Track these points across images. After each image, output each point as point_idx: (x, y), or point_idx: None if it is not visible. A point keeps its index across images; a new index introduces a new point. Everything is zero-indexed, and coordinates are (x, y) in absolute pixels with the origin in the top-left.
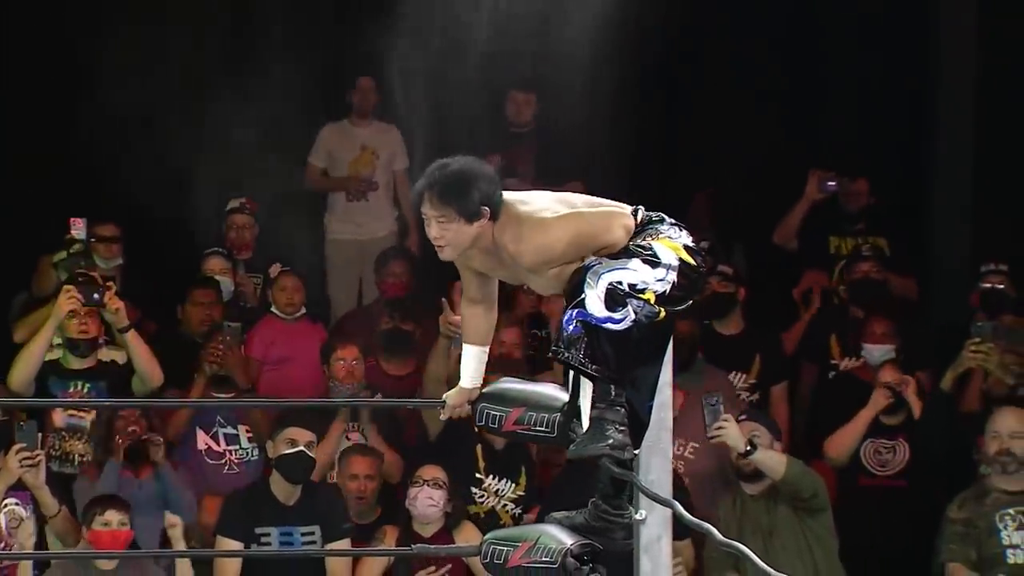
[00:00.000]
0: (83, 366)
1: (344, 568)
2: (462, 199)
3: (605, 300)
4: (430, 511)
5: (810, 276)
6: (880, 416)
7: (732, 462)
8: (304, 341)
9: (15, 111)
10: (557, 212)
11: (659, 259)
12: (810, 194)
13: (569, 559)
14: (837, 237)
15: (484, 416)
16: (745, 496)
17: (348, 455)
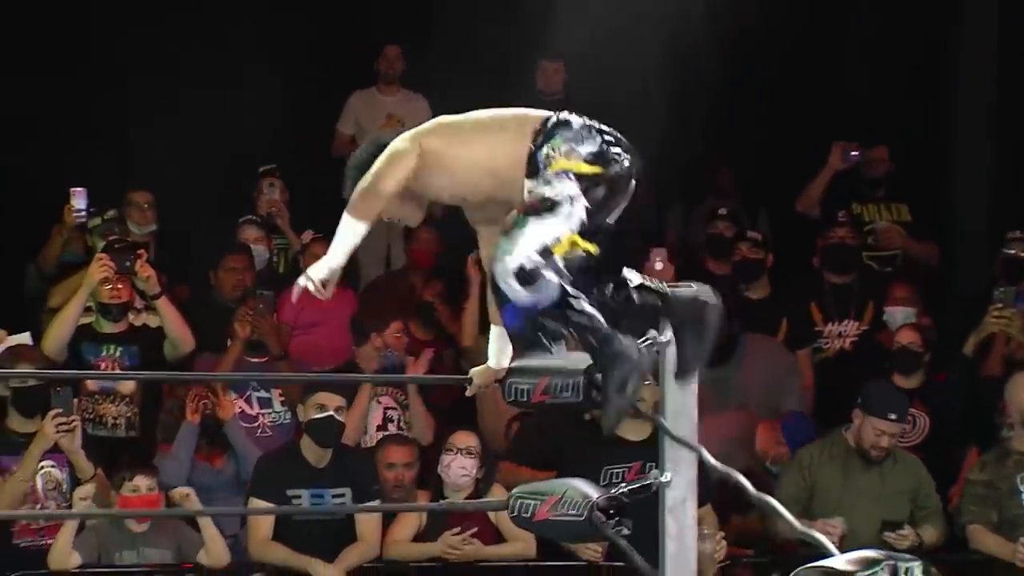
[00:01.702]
0: (115, 330)
1: (375, 530)
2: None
3: (520, 282)
4: (462, 480)
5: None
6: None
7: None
8: (334, 306)
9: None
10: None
11: (556, 200)
12: (833, 163)
13: (595, 512)
14: (859, 204)
15: (513, 391)
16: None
17: (385, 444)
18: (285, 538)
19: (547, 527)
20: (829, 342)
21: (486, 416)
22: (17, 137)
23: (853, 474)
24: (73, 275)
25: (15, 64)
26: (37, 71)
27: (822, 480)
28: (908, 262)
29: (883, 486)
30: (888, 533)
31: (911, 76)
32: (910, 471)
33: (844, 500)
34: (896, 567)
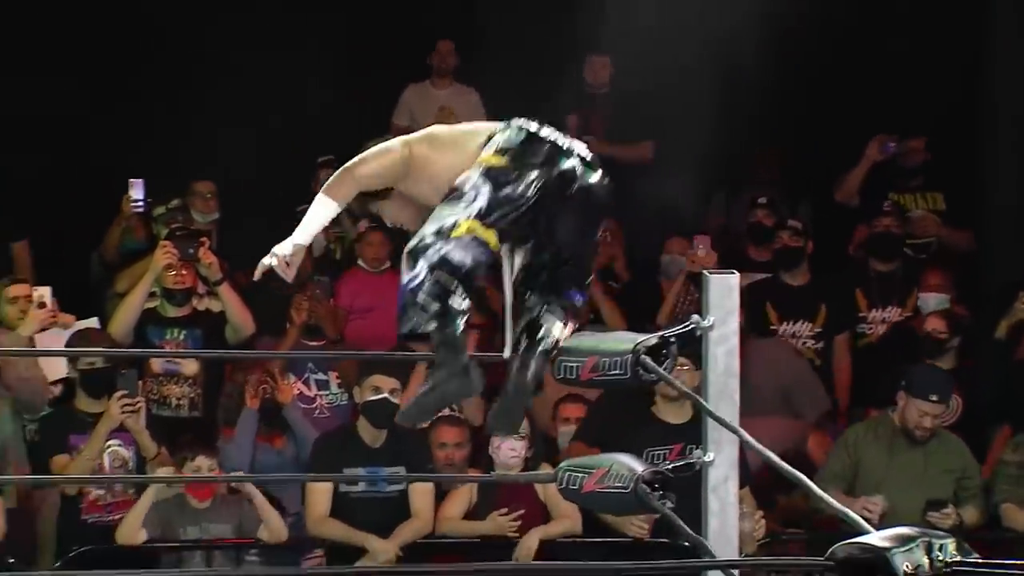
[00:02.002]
0: (179, 314)
1: (428, 507)
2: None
3: (408, 264)
4: (512, 461)
5: (862, 230)
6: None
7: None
8: (389, 292)
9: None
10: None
11: (461, 189)
12: (871, 155)
13: (641, 485)
14: (896, 193)
15: (562, 368)
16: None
17: (438, 424)
18: (342, 515)
19: (593, 499)
20: (872, 328)
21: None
22: (82, 129)
23: (898, 453)
24: (137, 262)
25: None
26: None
27: (867, 459)
28: (943, 249)
29: (927, 466)
30: (932, 512)
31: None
32: (954, 452)
33: (888, 478)
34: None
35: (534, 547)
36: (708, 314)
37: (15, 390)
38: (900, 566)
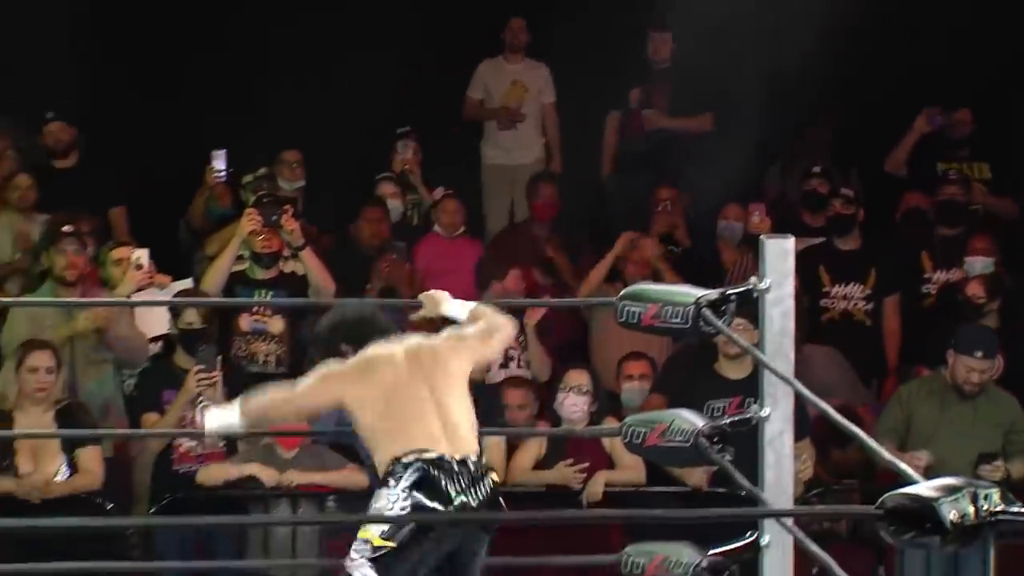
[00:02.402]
0: (266, 276)
1: (499, 458)
2: (324, 346)
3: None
4: (575, 416)
5: (909, 198)
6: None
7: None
8: (463, 256)
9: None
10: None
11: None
12: (919, 127)
13: (700, 439)
14: (944, 163)
15: (625, 313)
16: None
17: (507, 382)
18: None
19: (656, 452)
20: (933, 289)
21: (598, 355)
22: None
23: (948, 408)
24: (225, 227)
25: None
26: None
27: (919, 414)
28: (988, 217)
29: (976, 420)
30: (983, 466)
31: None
32: (1004, 407)
33: (939, 433)
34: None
35: (600, 491)
36: (765, 276)
37: (116, 349)
38: (947, 515)
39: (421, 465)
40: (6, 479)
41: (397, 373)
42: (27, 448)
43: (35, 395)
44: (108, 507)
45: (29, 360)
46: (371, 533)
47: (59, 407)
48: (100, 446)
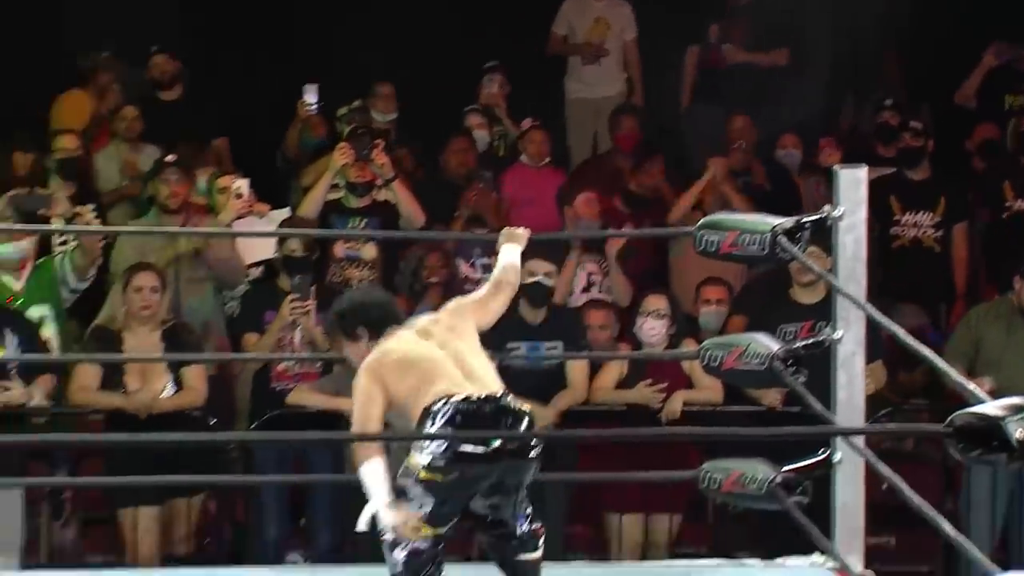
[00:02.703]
0: (360, 205)
1: (583, 378)
2: (340, 324)
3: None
4: (654, 339)
5: (981, 129)
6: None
7: None
8: (547, 185)
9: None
10: (359, 408)
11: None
12: (988, 62)
13: (775, 362)
14: (1011, 96)
15: (703, 241)
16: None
17: (590, 305)
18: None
19: (733, 374)
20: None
21: (677, 281)
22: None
23: (1015, 332)
24: (319, 158)
25: None
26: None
27: (987, 337)
28: None
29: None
30: None
31: None
32: None
33: (1006, 356)
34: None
35: (678, 409)
36: (838, 205)
37: (216, 269)
38: (1013, 432)
39: (453, 405)
40: (115, 396)
41: (407, 345)
42: (135, 367)
43: (141, 315)
44: (211, 422)
45: (135, 281)
46: (416, 463)
47: (165, 327)
48: (204, 365)
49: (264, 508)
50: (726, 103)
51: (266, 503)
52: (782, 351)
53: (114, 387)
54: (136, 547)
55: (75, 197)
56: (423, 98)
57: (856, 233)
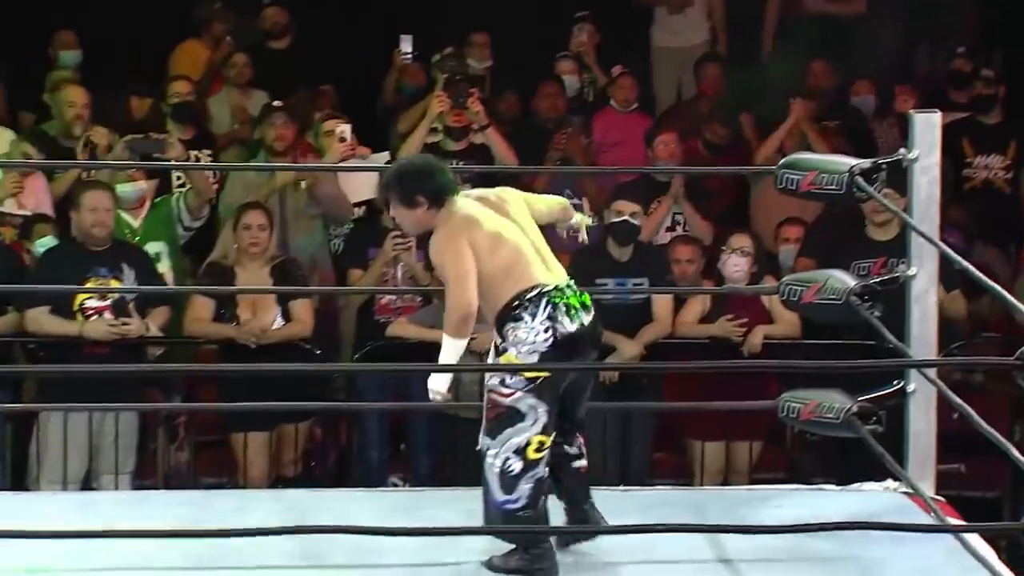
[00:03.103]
0: (458, 148)
1: (667, 311)
2: (399, 189)
3: (502, 485)
4: (736, 275)
5: None
6: None
7: None
8: (635, 129)
9: None
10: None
11: (517, 409)
12: None
13: (852, 297)
14: None
15: (785, 180)
16: None
17: (675, 243)
18: None
19: (811, 308)
20: None
21: (758, 219)
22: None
23: None
24: (415, 104)
25: None
26: None
27: None
28: None
29: None
30: None
31: None
32: None
33: None
34: None
35: (759, 343)
36: (913, 147)
37: (324, 204)
38: None
39: (549, 296)
40: (227, 327)
41: (493, 221)
42: (246, 300)
43: (250, 251)
44: (316, 352)
45: (244, 219)
46: (517, 359)
47: (274, 263)
48: (311, 298)
49: (366, 434)
50: (805, 51)
51: (368, 429)
52: (858, 287)
53: (226, 319)
54: (247, 469)
55: (191, 141)
56: (516, 46)
57: (930, 174)
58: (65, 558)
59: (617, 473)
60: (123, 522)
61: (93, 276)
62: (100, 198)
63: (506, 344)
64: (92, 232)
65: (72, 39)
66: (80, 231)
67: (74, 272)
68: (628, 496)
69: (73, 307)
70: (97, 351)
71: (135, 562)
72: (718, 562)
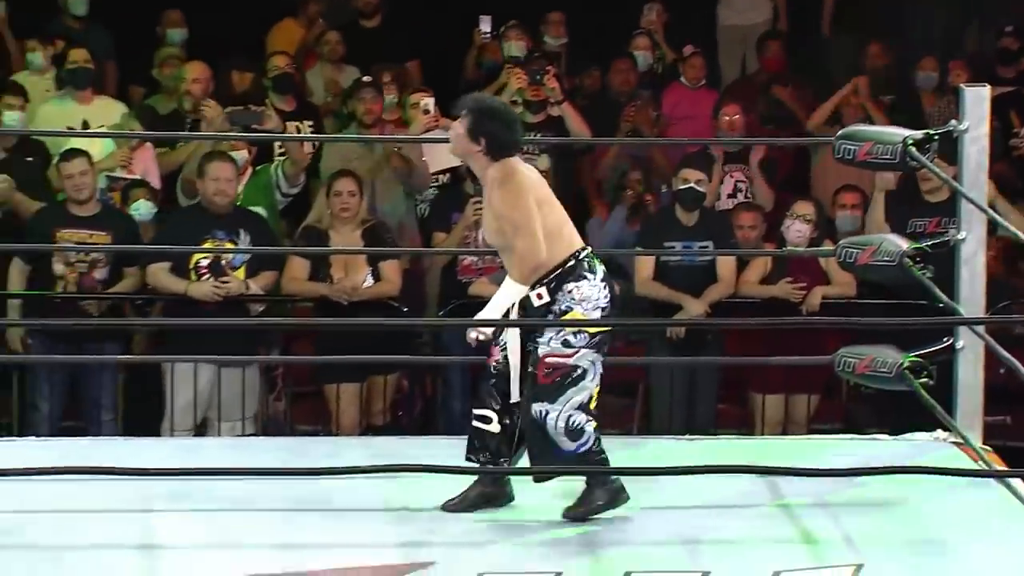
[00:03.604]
0: (536, 120)
1: (731, 273)
2: (474, 120)
3: (569, 438)
4: (798, 240)
5: None
6: None
7: None
8: (702, 103)
9: None
10: (526, 220)
11: (579, 371)
12: None
13: (905, 259)
14: None
15: (842, 150)
16: None
17: (738, 209)
18: (664, 278)
19: (866, 270)
20: None
21: (818, 187)
22: None
23: None
24: (495, 80)
25: None
26: None
27: None
28: None
29: None
30: None
31: None
32: None
33: None
34: None
35: (817, 303)
36: (964, 119)
37: (407, 174)
38: None
39: (596, 257)
40: (322, 286)
41: (544, 186)
42: (339, 260)
43: (341, 215)
44: (404, 309)
45: (336, 186)
46: (583, 315)
47: (365, 226)
48: (399, 259)
49: (450, 385)
50: (861, 28)
51: (452, 381)
52: (911, 249)
53: (321, 279)
54: (339, 418)
55: (291, 113)
56: (589, 24)
57: (979, 144)
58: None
59: (684, 423)
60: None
61: (211, 238)
62: (223, 168)
63: (566, 302)
64: (214, 199)
65: (179, 18)
66: (204, 197)
67: (194, 233)
68: (694, 444)
69: (189, 266)
70: (206, 308)
71: (239, 502)
72: (777, 505)
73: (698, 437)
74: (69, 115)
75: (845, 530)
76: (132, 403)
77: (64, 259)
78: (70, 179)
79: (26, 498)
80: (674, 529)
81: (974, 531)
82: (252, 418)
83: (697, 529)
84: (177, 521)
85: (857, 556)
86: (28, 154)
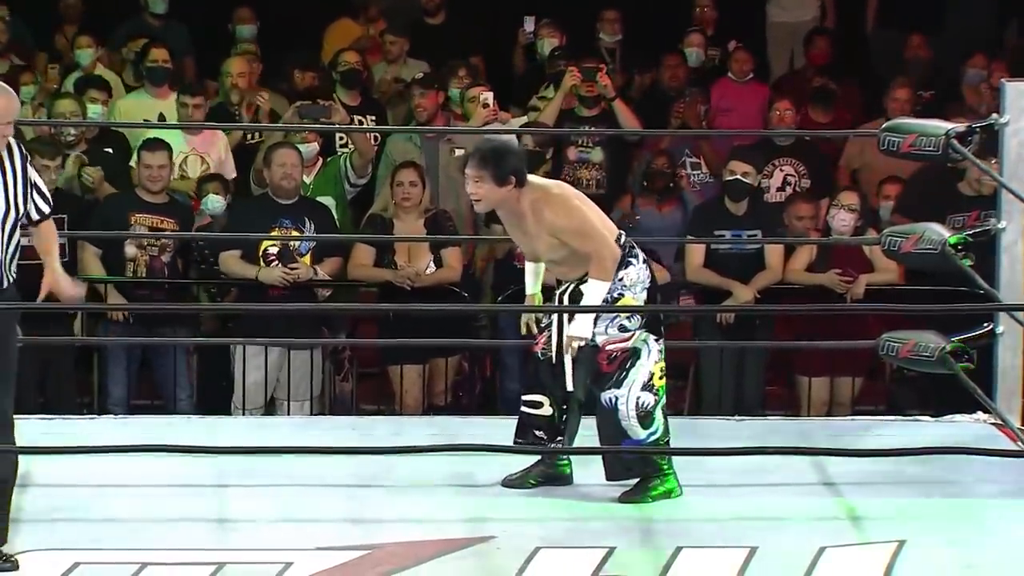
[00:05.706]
0: (590, 114)
1: (778, 260)
2: (495, 166)
3: (641, 424)
4: (844, 229)
5: None
6: None
7: None
8: (750, 97)
9: None
10: (586, 223)
11: (635, 348)
12: None
13: (947, 248)
14: None
15: (886, 142)
16: None
17: (794, 200)
18: (714, 265)
19: (909, 258)
20: None
21: (864, 179)
22: None
23: None
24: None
25: None
26: None
27: None
28: None
29: None
30: None
31: None
32: None
33: None
34: None
35: (861, 291)
36: (1005, 113)
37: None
38: None
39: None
40: (386, 271)
41: (566, 186)
42: (403, 248)
43: (403, 205)
44: (464, 295)
45: (398, 177)
46: (637, 301)
47: (427, 215)
48: (460, 247)
49: (507, 368)
50: (906, 25)
51: (508, 364)
52: (953, 238)
53: (386, 265)
54: (402, 398)
55: (356, 107)
56: (643, 21)
57: (1020, 137)
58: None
59: (732, 405)
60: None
61: (278, 226)
62: (289, 156)
63: (618, 290)
64: (281, 186)
65: (249, 14)
66: (271, 185)
67: (262, 221)
68: (743, 425)
69: (258, 253)
70: (276, 293)
71: (308, 478)
72: (822, 484)
73: (746, 417)
74: (147, 110)
75: (888, 508)
76: (205, 382)
77: (137, 242)
78: (148, 169)
79: (109, 472)
80: (723, 506)
81: (1013, 510)
82: (318, 397)
83: (745, 506)
84: (249, 496)
85: (900, 533)
86: (109, 146)
